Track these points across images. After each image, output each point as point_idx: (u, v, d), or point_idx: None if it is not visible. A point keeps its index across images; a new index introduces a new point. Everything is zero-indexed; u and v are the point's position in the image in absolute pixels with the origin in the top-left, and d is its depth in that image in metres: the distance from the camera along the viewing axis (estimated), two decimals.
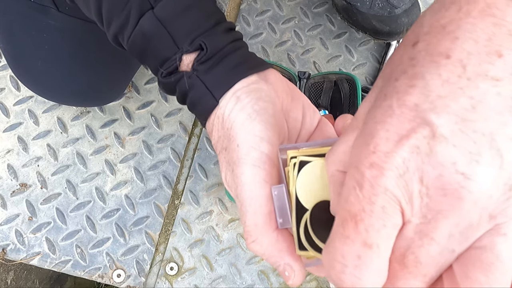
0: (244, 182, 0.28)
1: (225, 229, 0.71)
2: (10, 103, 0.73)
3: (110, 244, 0.69)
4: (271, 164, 0.28)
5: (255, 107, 0.30)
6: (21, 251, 0.67)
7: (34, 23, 0.53)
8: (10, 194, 0.69)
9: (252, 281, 0.70)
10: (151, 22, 0.32)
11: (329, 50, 0.81)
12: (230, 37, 0.33)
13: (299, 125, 0.33)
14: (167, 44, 0.33)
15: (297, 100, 0.33)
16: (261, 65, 0.33)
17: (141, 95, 0.75)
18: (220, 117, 0.31)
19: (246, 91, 0.31)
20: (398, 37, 0.74)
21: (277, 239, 0.27)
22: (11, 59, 0.58)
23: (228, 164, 0.30)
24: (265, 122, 0.29)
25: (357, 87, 0.69)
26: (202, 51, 0.32)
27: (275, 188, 0.28)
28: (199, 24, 0.33)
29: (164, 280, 0.68)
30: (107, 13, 0.34)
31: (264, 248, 0.27)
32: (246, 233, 0.28)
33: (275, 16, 0.82)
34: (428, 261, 0.18)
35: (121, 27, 0.34)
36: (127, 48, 0.35)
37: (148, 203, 0.71)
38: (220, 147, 0.31)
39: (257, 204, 0.28)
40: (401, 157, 0.17)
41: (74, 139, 0.72)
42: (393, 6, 0.71)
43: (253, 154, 0.28)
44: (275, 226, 0.28)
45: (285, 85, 0.33)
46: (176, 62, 0.32)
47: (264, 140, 0.29)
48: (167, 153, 0.73)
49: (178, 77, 0.33)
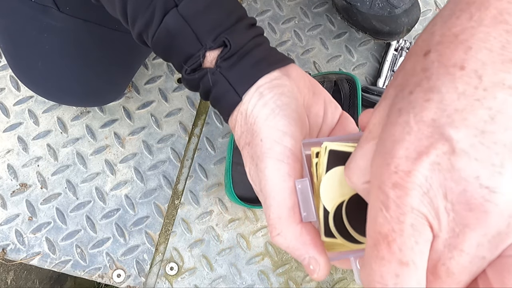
0: (268, 176, 0.28)
1: (225, 229, 0.71)
2: (10, 103, 0.73)
3: (110, 244, 0.69)
4: (294, 159, 0.29)
5: (278, 102, 0.30)
6: (21, 251, 0.67)
7: (35, 23, 0.53)
8: (10, 194, 0.69)
9: (252, 281, 0.70)
10: (175, 20, 0.33)
11: (329, 50, 0.81)
12: (252, 33, 0.34)
13: (320, 120, 0.33)
14: (191, 41, 0.33)
15: (319, 95, 0.34)
16: (283, 61, 0.33)
17: (141, 95, 0.75)
18: (243, 113, 0.31)
19: (268, 87, 0.31)
20: (398, 37, 0.74)
21: (301, 232, 0.27)
22: (11, 59, 0.58)
23: (252, 159, 0.30)
24: (288, 117, 0.30)
25: (357, 87, 0.69)
26: (225, 48, 0.32)
27: (299, 182, 0.28)
28: (222, 21, 0.33)
29: (164, 280, 0.68)
30: (132, 11, 0.34)
31: (289, 241, 0.27)
32: (270, 226, 0.28)
33: (275, 16, 0.82)
34: (460, 271, 0.18)
35: (146, 25, 0.34)
36: (152, 46, 0.35)
37: (148, 203, 0.71)
38: (243, 143, 0.31)
39: (281, 198, 0.28)
40: (423, 175, 0.17)
41: (74, 139, 0.72)
42: (393, 6, 0.71)
43: (276, 148, 0.29)
44: (299, 219, 0.28)
45: (306, 80, 0.34)
46: (200, 59, 0.33)
47: (287, 135, 0.29)
48: (167, 153, 0.73)
49: (202, 73, 0.33)
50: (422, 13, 0.82)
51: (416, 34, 0.82)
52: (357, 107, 0.68)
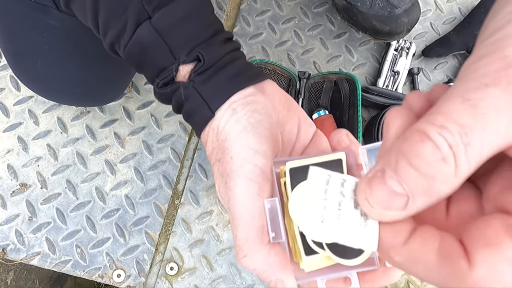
0: (236, 195, 0.28)
1: (225, 229, 0.71)
2: (10, 103, 0.73)
3: (110, 244, 0.69)
4: (264, 178, 0.28)
5: (251, 120, 0.30)
6: (21, 251, 0.67)
7: (34, 23, 0.53)
8: (10, 194, 0.69)
9: (252, 281, 0.70)
10: (148, 32, 0.32)
11: (329, 50, 0.81)
12: (227, 47, 0.33)
13: (294, 138, 0.33)
14: (164, 54, 0.32)
15: (294, 112, 0.33)
16: (258, 76, 0.32)
17: (141, 95, 0.75)
18: (215, 129, 0.31)
19: (242, 103, 0.30)
20: (398, 37, 0.74)
21: (268, 254, 0.27)
22: (11, 59, 0.58)
23: (222, 176, 0.29)
24: (259, 135, 0.29)
25: (357, 87, 0.68)
26: (199, 62, 0.32)
27: (268, 201, 0.27)
28: (197, 35, 0.32)
29: (164, 280, 0.68)
30: (103, 21, 0.34)
31: (255, 263, 0.27)
32: (237, 248, 0.27)
33: (275, 16, 0.82)
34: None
35: (118, 36, 0.33)
36: (124, 58, 0.35)
37: (148, 203, 0.71)
38: (214, 159, 0.31)
39: (249, 218, 0.27)
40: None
41: (74, 139, 0.72)
42: (393, 6, 0.71)
43: (246, 166, 0.28)
44: (267, 240, 0.27)
45: (282, 97, 0.33)
46: (173, 72, 0.32)
47: (258, 153, 0.28)
48: (167, 153, 0.73)
49: (175, 87, 0.32)
50: (422, 13, 0.82)
51: (416, 34, 0.82)
52: (357, 107, 0.68)
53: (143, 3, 0.32)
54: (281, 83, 0.74)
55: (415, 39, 0.82)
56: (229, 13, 0.81)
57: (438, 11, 0.85)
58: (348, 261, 0.25)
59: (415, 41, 0.82)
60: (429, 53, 0.79)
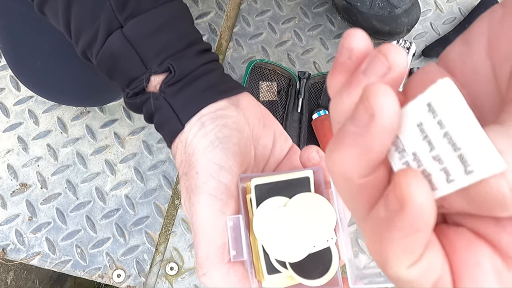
0: (199, 212, 0.27)
1: None
2: (10, 103, 0.73)
3: (110, 244, 0.69)
4: (229, 195, 0.28)
5: (219, 134, 0.29)
6: (21, 251, 0.67)
7: (34, 23, 0.53)
8: (10, 194, 0.69)
9: None
10: (119, 42, 0.32)
11: (329, 50, 0.81)
12: (202, 59, 0.33)
13: (268, 153, 0.32)
14: (135, 64, 0.32)
15: (269, 127, 0.33)
16: (233, 89, 0.32)
17: None
18: (183, 142, 0.30)
19: (212, 117, 0.30)
20: (398, 37, 0.74)
21: (228, 273, 0.26)
22: (11, 59, 0.58)
23: (187, 191, 0.29)
24: (227, 151, 0.28)
25: None
26: (170, 74, 0.31)
27: (231, 219, 0.27)
28: (170, 46, 0.32)
29: (164, 280, 0.68)
30: (75, 27, 0.33)
31: (215, 282, 0.26)
32: (197, 265, 0.27)
33: (275, 16, 0.82)
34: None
35: (89, 44, 0.33)
36: (96, 65, 0.34)
37: (148, 203, 0.71)
38: (181, 172, 0.30)
39: (211, 235, 0.27)
40: None
41: (74, 139, 0.72)
42: (393, 6, 0.71)
43: (211, 183, 0.27)
44: (228, 259, 0.27)
45: (258, 111, 0.32)
46: (143, 82, 0.32)
47: (224, 170, 0.28)
48: (167, 153, 0.73)
49: (145, 98, 0.32)
50: (422, 13, 0.82)
51: (416, 34, 0.82)
52: None
53: (115, 12, 0.32)
54: (281, 83, 0.74)
55: (415, 39, 0.82)
56: (229, 13, 0.81)
57: (438, 11, 0.85)
58: (311, 281, 0.25)
59: (415, 41, 0.82)
60: (429, 53, 0.79)
